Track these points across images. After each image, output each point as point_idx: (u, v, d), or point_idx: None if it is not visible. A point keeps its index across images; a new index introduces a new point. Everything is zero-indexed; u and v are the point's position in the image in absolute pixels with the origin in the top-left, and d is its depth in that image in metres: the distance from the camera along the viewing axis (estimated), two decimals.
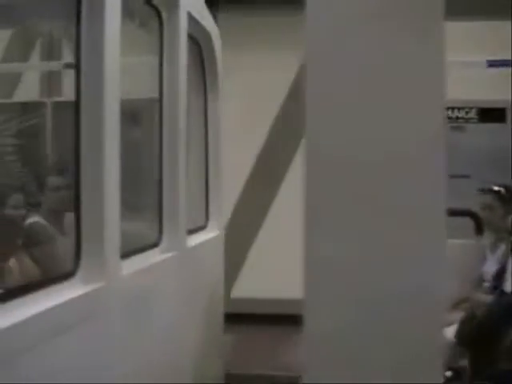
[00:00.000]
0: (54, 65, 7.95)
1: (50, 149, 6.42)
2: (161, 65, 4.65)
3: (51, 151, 6.35)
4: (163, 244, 4.59)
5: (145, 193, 5.00)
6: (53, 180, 5.14)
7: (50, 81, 8.21)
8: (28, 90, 8.09)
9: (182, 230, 4.86)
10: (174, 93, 4.69)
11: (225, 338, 6.51)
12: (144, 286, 3.97)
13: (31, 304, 2.65)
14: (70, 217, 5.21)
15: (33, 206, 5.09)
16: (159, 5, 4.60)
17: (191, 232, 5.29)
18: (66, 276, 3.14)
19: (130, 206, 4.38)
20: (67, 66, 6.43)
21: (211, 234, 6.03)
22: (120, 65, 3.46)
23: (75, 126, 3.23)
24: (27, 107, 7.46)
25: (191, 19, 5.08)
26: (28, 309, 2.59)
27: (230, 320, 6.59)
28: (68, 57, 7.24)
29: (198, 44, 5.93)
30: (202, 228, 5.98)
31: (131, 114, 5.06)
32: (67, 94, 7.29)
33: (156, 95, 4.67)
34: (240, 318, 7.86)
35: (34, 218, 5.02)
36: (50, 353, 2.66)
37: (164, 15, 4.66)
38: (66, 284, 3.06)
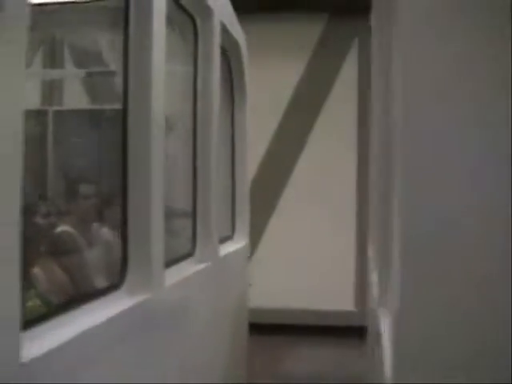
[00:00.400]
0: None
1: (80, 158, 6.38)
2: (195, 74, 4.61)
3: (81, 160, 6.31)
4: (197, 254, 4.55)
5: (178, 202, 4.96)
6: (83, 189, 5.10)
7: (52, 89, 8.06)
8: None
9: (215, 240, 4.83)
10: (208, 104, 4.65)
11: None
12: (183, 296, 3.93)
13: (84, 317, 2.61)
14: (97, 226, 5.21)
15: (63, 215, 5.05)
16: (194, 13, 4.56)
17: (220, 242, 5.25)
18: (112, 288, 3.09)
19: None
20: (109, 73, 6.36)
21: (238, 244, 5.99)
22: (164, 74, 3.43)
23: (122, 138, 3.18)
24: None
25: (223, 28, 5.05)
26: (82, 323, 2.55)
27: None
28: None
29: (226, 53, 5.89)
30: (228, 238, 5.95)
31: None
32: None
33: (188, 106, 4.63)
34: None
35: (63, 227, 4.98)
36: (105, 365, 2.62)
37: (198, 23, 4.63)
38: (112, 297, 3.02)
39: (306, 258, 10.04)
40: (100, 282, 4.12)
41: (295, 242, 9.83)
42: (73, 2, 5.21)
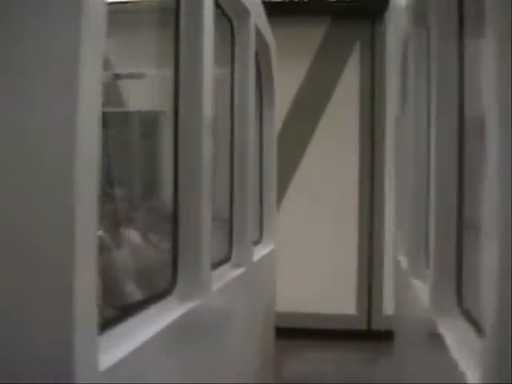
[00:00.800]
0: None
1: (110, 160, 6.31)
2: (232, 77, 4.57)
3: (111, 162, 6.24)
4: (233, 259, 4.51)
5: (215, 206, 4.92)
6: (116, 192, 5.04)
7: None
8: None
9: (249, 244, 4.79)
10: (245, 107, 4.62)
11: None
12: (226, 302, 3.90)
13: (144, 325, 2.57)
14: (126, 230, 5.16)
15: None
16: (231, 14, 4.52)
17: None
18: (164, 294, 3.05)
19: None
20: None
21: (267, 248, 5.95)
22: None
23: (174, 140, 3.14)
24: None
25: (256, 30, 5.01)
26: (144, 330, 2.50)
27: None
28: None
29: (257, 56, 5.85)
30: (257, 242, 5.90)
31: None
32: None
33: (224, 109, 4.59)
34: None
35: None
36: (168, 370, 2.59)
37: (235, 25, 4.59)
38: (165, 302, 2.97)
39: (307, 262, 10.01)
40: (134, 289, 4.06)
41: (296, 246, 9.79)
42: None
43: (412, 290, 4.31)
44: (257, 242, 5.91)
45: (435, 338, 2.89)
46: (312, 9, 10.10)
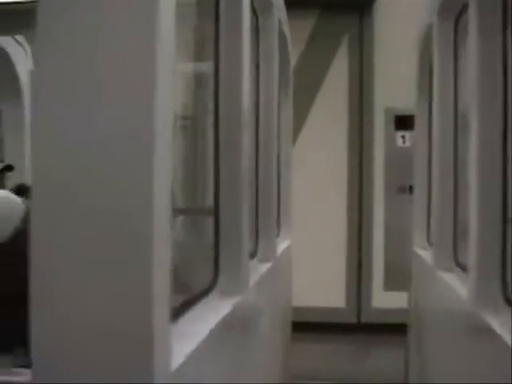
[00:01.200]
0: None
1: None
2: (257, 70, 4.56)
3: None
4: (260, 254, 4.51)
5: None
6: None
7: None
8: None
9: (274, 239, 4.80)
10: (270, 101, 4.61)
11: None
12: (259, 297, 3.90)
13: (195, 323, 2.57)
14: None
15: None
16: (258, 8, 4.50)
17: None
18: (206, 291, 3.05)
19: None
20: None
21: (285, 242, 5.96)
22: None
23: (214, 137, 3.14)
24: None
25: (279, 24, 5.01)
26: (197, 328, 2.50)
27: None
28: None
29: None
30: (276, 237, 5.90)
31: None
32: None
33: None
34: None
35: None
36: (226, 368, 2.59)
37: (260, 19, 4.58)
38: (208, 299, 2.97)
39: (295, 255, 10.05)
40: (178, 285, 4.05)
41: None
42: None
43: (440, 284, 4.31)
44: (276, 237, 5.92)
45: (481, 330, 2.90)
46: (301, 1, 10.09)
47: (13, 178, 7.20)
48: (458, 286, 3.83)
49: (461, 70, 4.46)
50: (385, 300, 10.10)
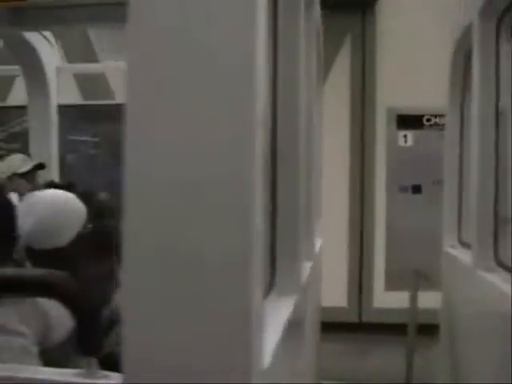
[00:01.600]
0: None
1: None
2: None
3: None
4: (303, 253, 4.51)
5: None
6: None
7: None
8: None
9: (314, 238, 4.80)
10: (309, 102, 4.61)
11: None
12: (308, 295, 3.91)
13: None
14: None
15: None
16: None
17: None
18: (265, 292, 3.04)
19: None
20: None
21: (319, 242, 5.96)
22: None
23: (272, 135, 3.13)
24: None
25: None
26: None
27: None
28: None
29: None
30: None
31: None
32: None
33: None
34: None
35: None
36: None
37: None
38: (268, 299, 2.96)
39: None
40: None
41: None
42: None
43: (482, 284, 4.31)
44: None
45: None
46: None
47: (41, 175, 7.21)
48: (503, 287, 3.84)
49: (503, 72, 4.47)
50: (386, 300, 10.16)
